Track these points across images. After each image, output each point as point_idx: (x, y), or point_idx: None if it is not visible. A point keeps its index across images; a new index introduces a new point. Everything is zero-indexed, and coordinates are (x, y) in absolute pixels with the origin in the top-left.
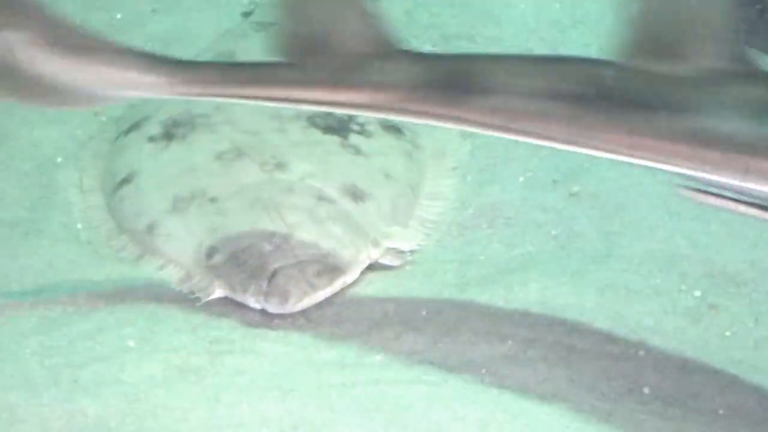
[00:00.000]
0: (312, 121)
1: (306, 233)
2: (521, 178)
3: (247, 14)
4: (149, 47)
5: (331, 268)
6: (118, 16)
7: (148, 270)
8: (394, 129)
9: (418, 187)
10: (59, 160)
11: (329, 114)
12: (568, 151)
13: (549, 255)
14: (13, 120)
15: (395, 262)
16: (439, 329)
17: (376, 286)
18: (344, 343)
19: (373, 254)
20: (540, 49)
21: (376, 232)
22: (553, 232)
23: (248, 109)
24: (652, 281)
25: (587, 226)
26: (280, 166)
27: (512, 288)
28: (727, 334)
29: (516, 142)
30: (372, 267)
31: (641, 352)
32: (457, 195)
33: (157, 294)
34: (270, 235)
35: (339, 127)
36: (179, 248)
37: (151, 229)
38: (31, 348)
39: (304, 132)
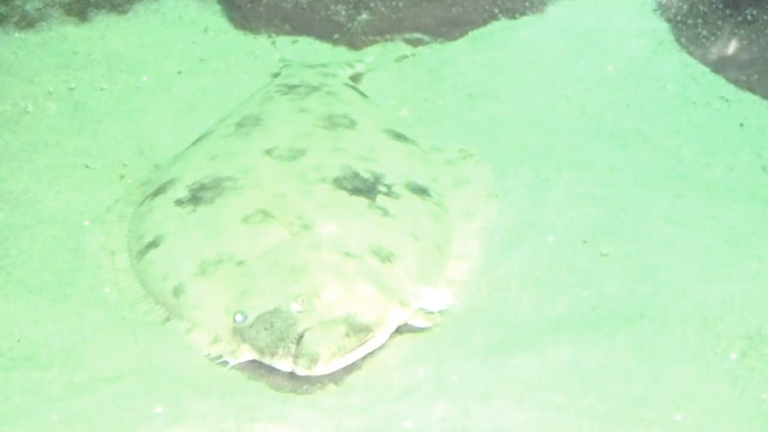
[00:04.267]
0: (339, 183)
1: (333, 293)
2: (550, 239)
3: (276, 75)
4: (175, 109)
5: (360, 328)
6: (144, 78)
7: (176, 334)
8: (420, 190)
9: (446, 248)
10: (86, 223)
11: (356, 176)
12: (602, 212)
13: (580, 317)
14: (39, 184)
15: (424, 324)
16: (470, 395)
17: (405, 350)
18: (374, 410)
19: (402, 315)
20: (565, 108)
21: (405, 293)
22: (584, 294)
23: (275, 172)
24: (687, 344)
25: (618, 287)
26: (307, 227)
27: (544, 351)
28: (765, 397)
29: (544, 202)
30: (401, 329)
31: (678, 417)
32: (486, 256)
33: (185, 358)
34: (297, 296)
35: (366, 189)
36: (206, 312)
37: (178, 292)
38: (58, 415)
39: (331, 194)
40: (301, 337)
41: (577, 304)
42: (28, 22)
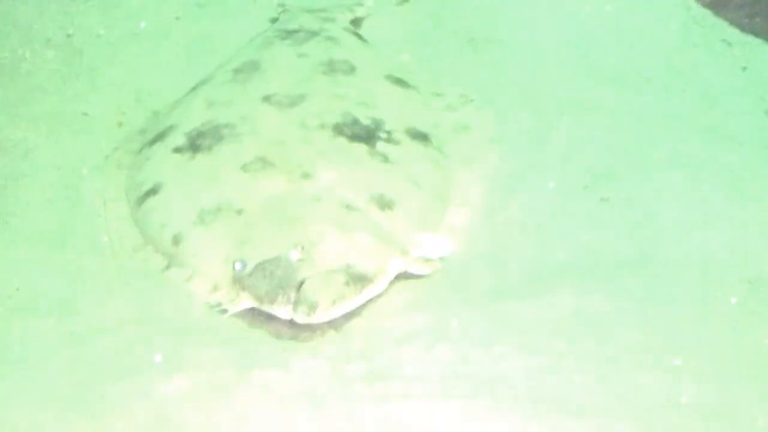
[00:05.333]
0: (339, 129)
1: (333, 242)
2: (551, 185)
3: (274, 20)
4: (173, 55)
5: (359, 277)
6: (142, 24)
7: (175, 282)
8: (421, 136)
9: (447, 195)
10: (84, 171)
11: (356, 122)
12: (604, 157)
13: (581, 262)
14: (38, 131)
15: (425, 271)
16: (470, 342)
17: (405, 297)
18: (374, 356)
19: (402, 263)
20: (568, 51)
21: (405, 241)
22: (585, 239)
23: (274, 119)
24: (687, 288)
25: (619, 232)
26: (306, 175)
27: (544, 297)
28: (765, 341)
29: (546, 147)
30: (401, 276)
31: (677, 362)
32: (487, 202)
33: (184, 307)
34: (296, 245)
35: (366, 136)
36: (206, 260)
37: (177, 241)
38: (58, 363)
39: (331, 141)
40: (300, 284)
41: (577, 250)
42: None
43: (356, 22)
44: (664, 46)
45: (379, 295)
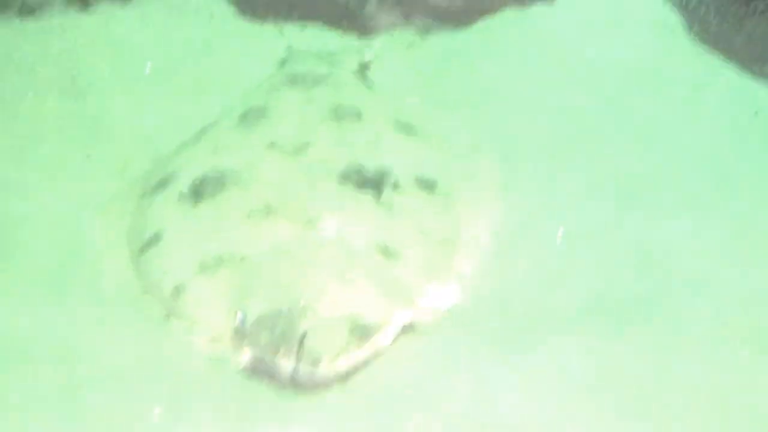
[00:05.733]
0: (344, 177)
1: (336, 292)
2: (560, 232)
3: (282, 63)
4: (179, 98)
5: (364, 328)
6: (147, 67)
7: (175, 333)
8: (428, 184)
9: (454, 243)
10: (85, 216)
11: (363, 169)
12: (611, 205)
13: (589, 310)
14: (39, 173)
15: (431, 321)
16: (478, 393)
17: (411, 348)
18: (379, 412)
19: (408, 313)
20: (577, 99)
21: (411, 291)
22: (594, 287)
23: (279, 166)
24: (698, 340)
25: (629, 280)
26: (311, 223)
27: (552, 346)
28: None
29: (555, 194)
30: (407, 327)
31: (688, 414)
32: (494, 250)
33: (185, 358)
34: (300, 295)
35: (372, 184)
36: (207, 310)
37: (178, 290)
38: (54, 413)
39: (336, 189)
40: (303, 337)
41: (586, 298)
42: (29, 10)
43: (364, 66)
44: (675, 92)
45: (384, 347)
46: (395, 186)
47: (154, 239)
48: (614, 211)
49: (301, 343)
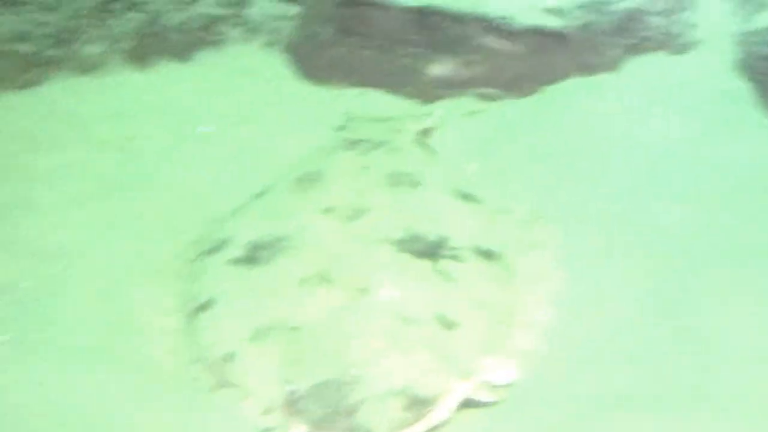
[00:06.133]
0: (401, 245)
1: (390, 363)
2: (623, 309)
3: (340, 129)
4: (234, 161)
5: (419, 401)
6: (203, 128)
7: (224, 403)
8: (487, 254)
9: (513, 316)
10: (138, 279)
11: (419, 238)
12: (672, 281)
13: (648, 393)
14: (89, 236)
15: (489, 398)
16: None
17: (468, 425)
18: None
19: (465, 388)
20: (641, 170)
21: (468, 364)
22: (653, 369)
23: (334, 232)
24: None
25: (688, 364)
26: (365, 291)
27: (616, 429)
28: None
29: (616, 269)
30: (464, 402)
31: None
32: (555, 325)
33: (233, 430)
34: (353, 366)
35: (429, 252)
36: (257, 380)
37: (228, 358)
38: None
39: (392, 256)
40: (355, 410)
41: (645, 380)
42: (87, 68)
43: (425, 132)
44: (742, 168)
45: (440, 423)
46: (453, 255)
47: (207, 304)
48: (677, 289)
49: (353, 417)
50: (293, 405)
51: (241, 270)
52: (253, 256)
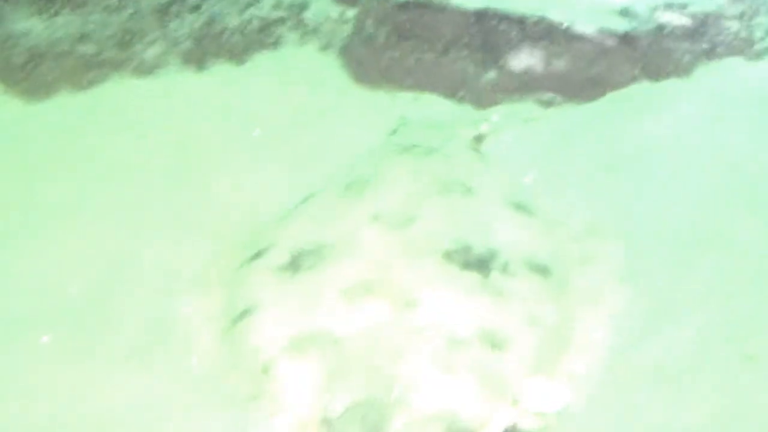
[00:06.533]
0: (449, 256)
1: (434, 384)
2: (688, 333)
3: (394, 133)
4: (286, 165)
5: (463, 429)
6: (257, 131)
7: (260, 416)
8: (541, 269)
9: (567, 337)
10: (182, 285)
11: (469, 249)
12: (747, 304)
13: (722, 427)
14: (138, 240)
15: (536, 426)
16: None
17: None
18: None
19: (512, 415)
20: (712, 183)
21: (516, 388)
22: (726, 402)
23: (381, 240)
24: None
25: (766, 396)
26: (410, 304)
27: None
28: None
29: (684, 289)
30: (510, 430)
31: None
32: (612, 348)
33: None
34: (394, 386)
35: (479, 265)
36: (294, 394)
37: (266, 369)
38: None
39: (440, 268)
40: None
41: (717, 414)
42: (145, 70)
43: (480, 138)
44: None
45: None
46: (504, 269)
47: (247, 312)
48: (754, 314)
49: None
50: (329, 423)
51: (284, 277)
52: (296, 263)
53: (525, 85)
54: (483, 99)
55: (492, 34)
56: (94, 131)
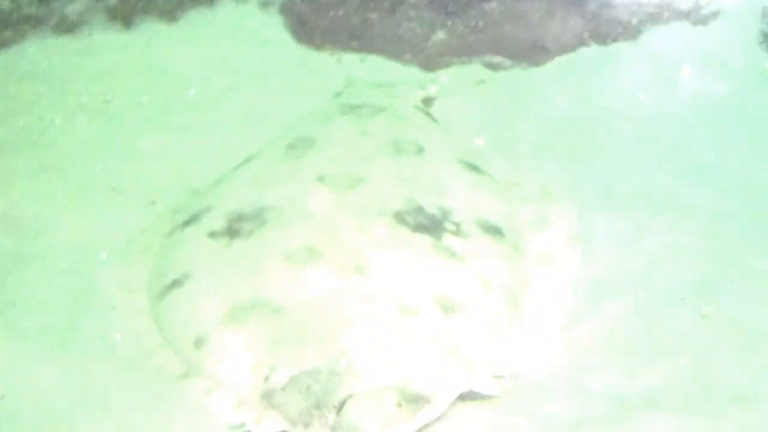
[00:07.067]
0: (400, 217)
1: (385, 352)
2: (642, 294)
3: (338, 95)
4: (221, 128)
5: (415, 397)
6: (191, 93)
7: (193, 394)
8: (494, 230)
9: (521, 300)
10: (103, 256)
11: (421, 210)
12: (698, 262)
13: (678, 390)
14: (56, 208)
15: (493, 391)
16: None
17: (468, 423)
18: None
19: (467, 380)
20: (660, 146)
21: (471, 353)
22: (683, 362)
23: (327, 202)
24: None
25: (724, 356)
26: (360, 269)
27: (635, 431)
28: None
29: (636, 251)
30: (464, 396)
31: None
32: (567, 311)
33: (201, 425)
34: (341, 355)
35: (431, 226)
36: (232, 368)
37: (200, 343)
38: None
39: (390, 230)
40: (342, 405)
41: (674, 375)
42: (66, 27)
43: (428, 101)
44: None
45: (436, 420)
46: (457, 230)
47: (178, 282)
48: (706, 273)
49: (339, 411)
50: (270, 397)
51: (220, 243)
52: (234, 228)
53: (473, 49)
54: (431, 61)
55: None
56: (11, 93)
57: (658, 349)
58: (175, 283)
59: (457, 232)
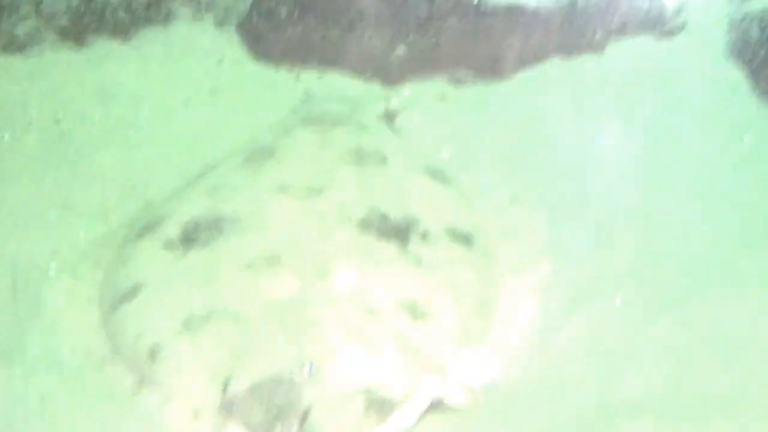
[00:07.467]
0: (365, 225)
1: (350, 358)
2: (618, 300)
3: (297, 109)
4: (176, 144)
5: (382, 404)
6: (144, 111)
7: (147, 406)
8: (462, 238)
9: (492, 308)
10: (52, 271)
11: (386, 218)
12: (666, 272)
13: (659, 399)
14: (8, 221)
15: (463, 401)
16: None
17: (438, 431)
18: None
19: (436, 388)
20: (629, 158)
21: (440, 360)
22: (662, 370)
23: (287, 210)
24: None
25: (703, 364)
26: (322, 276)
27: None
28: None
29: (608, 259)
30: (433, 406)
31: None
32: (540, 319)
33: None
34: (303, 362)
35: (396, 233)
36: (187, 378)
37: (154, 353)
38: None
39: (354, 238)
40: (306, 414)
41: (653, 383)
42: (16, 47)
43: (389, 115)
44: (738, 156)
45: (405, 428)
46: (424, 236)
47: (131, 293)
48: (683, 280)
49: (303, 420)
50: (229, 407)
51: (176, 253)
52: (190, 238)
53: (435, 64)
54: (392, 76)
55: (401, 9)
56: None
57: (637, 357)
58: (128, 295)
59: (424, 240)
